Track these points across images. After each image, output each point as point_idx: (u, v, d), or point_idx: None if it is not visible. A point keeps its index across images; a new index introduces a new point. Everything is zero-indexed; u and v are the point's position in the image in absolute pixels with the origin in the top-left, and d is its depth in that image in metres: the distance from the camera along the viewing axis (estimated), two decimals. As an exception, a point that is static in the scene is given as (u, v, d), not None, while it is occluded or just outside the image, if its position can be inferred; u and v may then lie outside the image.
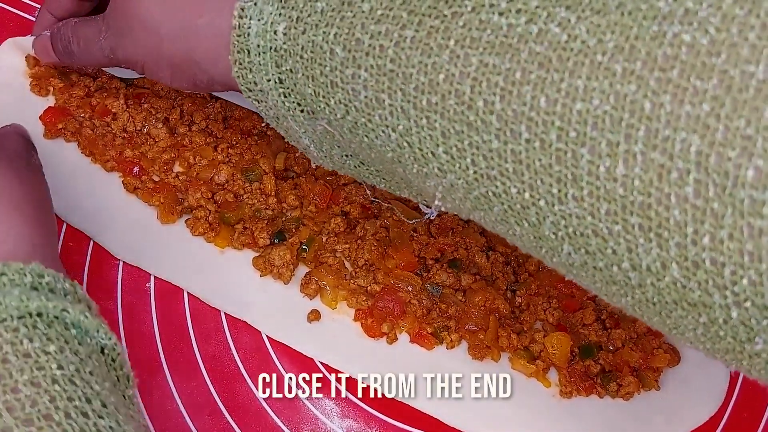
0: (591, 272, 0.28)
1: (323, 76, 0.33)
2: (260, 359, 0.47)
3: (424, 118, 0.30)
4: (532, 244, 0.30)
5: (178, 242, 0.49)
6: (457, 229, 0.49)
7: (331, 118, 0.34)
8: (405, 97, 0.30)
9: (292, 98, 0.35)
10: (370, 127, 0.32)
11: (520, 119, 0.27)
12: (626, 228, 0.26)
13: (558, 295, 0.48)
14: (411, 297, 0.48)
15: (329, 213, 0.50)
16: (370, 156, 0.35)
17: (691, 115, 0.23)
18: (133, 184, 0.50)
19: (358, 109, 0.32)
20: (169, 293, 0.48)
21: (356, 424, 0.45)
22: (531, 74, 0.27)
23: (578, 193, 0.26)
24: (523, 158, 0.27)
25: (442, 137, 0.30)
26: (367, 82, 0.31)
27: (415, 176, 0.32)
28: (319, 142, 0.38)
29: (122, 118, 0.51)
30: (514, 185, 0.28)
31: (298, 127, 0.37)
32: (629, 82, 0.25)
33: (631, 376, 0.46)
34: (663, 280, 0.26)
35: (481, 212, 0.31)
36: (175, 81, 0.41)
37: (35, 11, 0.56)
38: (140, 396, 0.45)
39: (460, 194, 0.31)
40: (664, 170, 0.24)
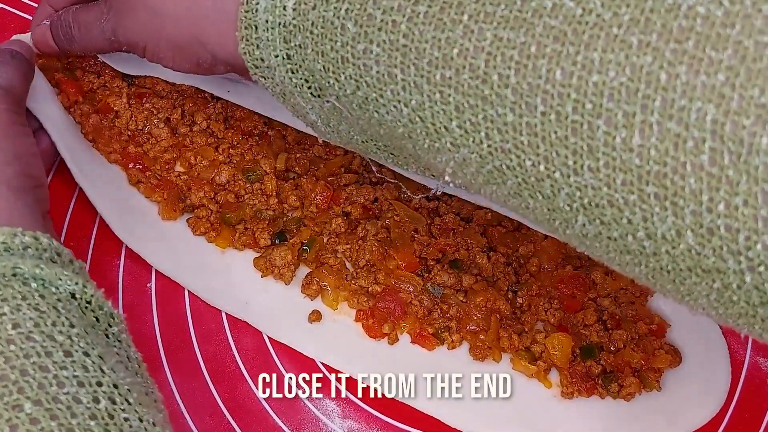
0: (605, 243, 0.29)
1: (333, 52, 0.33)
2: (261, 359, 0.47)
3: (437, 93, 0.30)
4: (545, 217, 0.30)
5: (179, 240, 0.49)
6: (458, 229, 0.49)
7: (340, 94, 0.34)
8: (418, 72, 0.30)
9: (299, 74, 0.35)
10: (381, 102, 0.32)
11: (536, 92, 0.27)
12: (642, 197, 0.26)
13: (559, 296, 0.48)
14: (412, 297, 0.48)
15: (330, 213, 0.50)
16: (378, 132, 0.35)
17: (706, 85, 0.24)
18: (137, 177, 0.50)
19: (369, 85, 0.32)
20: (169, 293, 0.48)
21: (357, 425, 0.45)
22: (546, 48, 0.27)
23: (594, 164, 0.27)
24: (539, 131, 0.28)
25: (456, 111, 0.30)
26: (380, 57, 0.31)
27: (426, 152, 0.32)
28: (326, 118, 0.37)
29: (124, 117, 0.51)
30: (529, 158, 0.28)
31: (305, 104, 0.37)
32: (645, 54, 0.25)
33: (633, 376, 0.46)
34: (678, 248, 0.26)
35: (493, 186, 0.31)
36: (177, 62, 0.41)
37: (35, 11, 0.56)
38: (141, 396, 0.45)
39: (473, 169, 0.31)
40: (679, 139, 0.25)
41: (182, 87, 0.52)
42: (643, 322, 0.48)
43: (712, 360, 0.48)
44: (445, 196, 0.51)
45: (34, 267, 0.33)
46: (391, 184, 0.50)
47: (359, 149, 0.39)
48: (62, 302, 0.33)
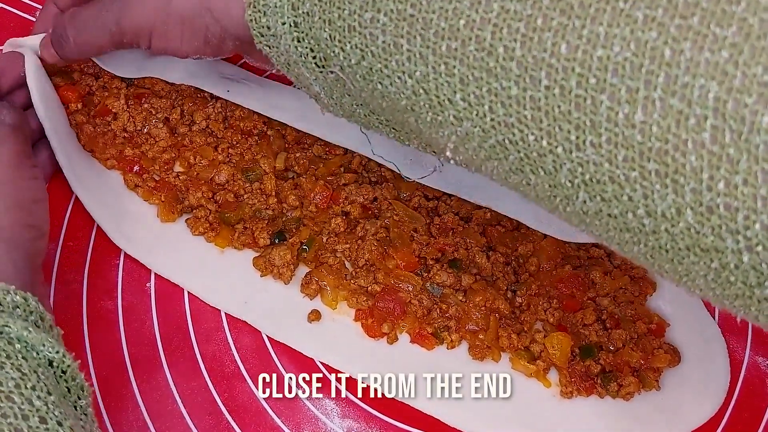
0: (605, 220, 0.29)
1: (341, 20, 0.33)
2: (260, 359, 0.47)
3: (442, 64, 0.30)
4: (546, 193, 0.30)
5: (178, 241, 0.49)
6: (457, 229, 0.49)
7: (344, 64, 0.34)
8: (424, 43, 0.30)
9: (305, 43, 0.35)
10: (386, 73, 0.32)
11: (541, 66, 0.27)
12: (643, 174, 0.26)
13: (558, 296, 0.48)
14: (411, 297, 0.48)
15: (330, 213, 0.50)
16: (381, 105, 0.35)
17: (710, 62, 0.24)
18: (134, 182, 0.50)
19: (374, 54, 0.32)
20: (169, 293, 0.48)
21: (356, 424, 0.45)
22: (552, 21, 0.27)
23: (596, 140, 0.27)
24: (542, 105, 0.28)
25: (461, 84, 0.29)
26: (386, 26, 0.31)
27: (428, 125, 0.32)
28: (329, 90, 0.37)
29: (122, 118, 0.51)
30: (531, 132, 0.28)
31: (308, 74, 0.37)
32: (650, 29, 0.25)
33: (632, 376, 0.46)
34: (677, 226, 0.26)
35: (495, 162, 0.31)
36: (186, 40, 0.40)
37: (35, 11, 0.56)
38: (140, 396, 0.45)
39: (475, 143, 0.31)
40: (682, 116, 0.25)
41: (181, 87, 0.52)
42: (642, 322, 0.48)
43: (711, 359, 0.48)
44: (444, 196, 0.51)
45: (23, 329, 0.33)
46: (390, 183, 0.50)
47: (361, 123, 0.39)
48: (42, 368, 0.33)
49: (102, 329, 0.46)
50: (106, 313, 0.47)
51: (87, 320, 0.46)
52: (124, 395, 0.45)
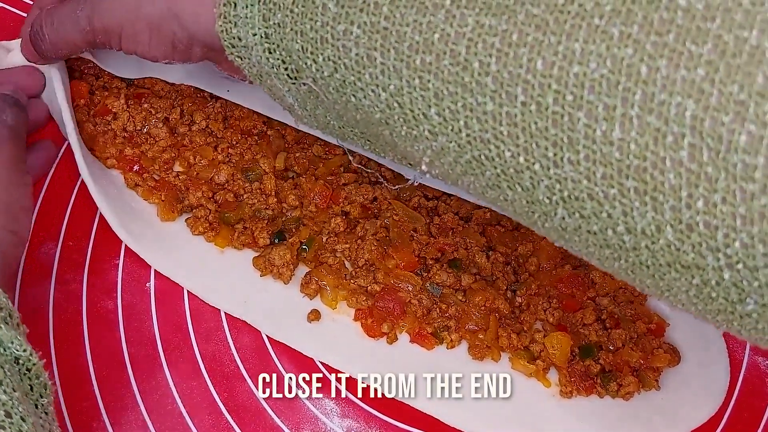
0: (585, 236, 0.29)
1: (313, 32, 0.32)
2: (260, 359, 0.47)
3: (416, 78, 0.29)
4: (524, 209, 0.30)
5: (178, 241, 0.49)
6: (457, 229, 0.49)
7: (317, 76, 0.33)
8: (398, 56, 0.30)
9: (276, 54, 0.35)
10: (359, 86, 0.32)
11: (516, 81, 0.27)
12: (622, 191, 0.26)
13: (558, 295, 0.48)
14: (411, 297, 0.48)
15: (329, 213, 0.50)
16: (355, 118, 0.34)
17: (686, 80, 0.24)
18: (135, 181, 0.50)
19: (347, 67, 0.31)
20: (169, 293, 0.48)
21: (356, 424, 0.45)
22: (528, 36, 0.26)
23: (574, 157, 0.26)
24: (519, 121, 0.27)
25: (435, 98, 0.29)
26: (359, 39, 0.30)
27: (403, 139, 0.32)
28: (302, 102, 0.37)
29: (122, 118, 0.51)
30: (508, 149, 0.28)
31: (281, 86, 0.36)
32: (626, 46, 0.25)
33: (631, 376, 0.46)
34: (657, 243, 0.26)
35: (471, 177, 0.31)
36: (153, 45, 0.40)
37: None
38: (140, 396, 0.45)
39: (451, 158, 0.30)
40: (659, 134, 0.24)
41: (181, 87, 0.52)
42: (642, 322, 0.48)
43: (711, 359, 0.48)
44: (444, 196, 0.51)
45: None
46: (390, 183, 0.50)
47: (336, 135, 0.38)
48: (8, 364, 0.33)
49: (102, 329, 0.46)
50: (106, 313, 0.47)
51: (87, 320, 0.46)
52: (124, 395, 0.45)
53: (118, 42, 0.41)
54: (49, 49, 0.45)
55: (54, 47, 0.44)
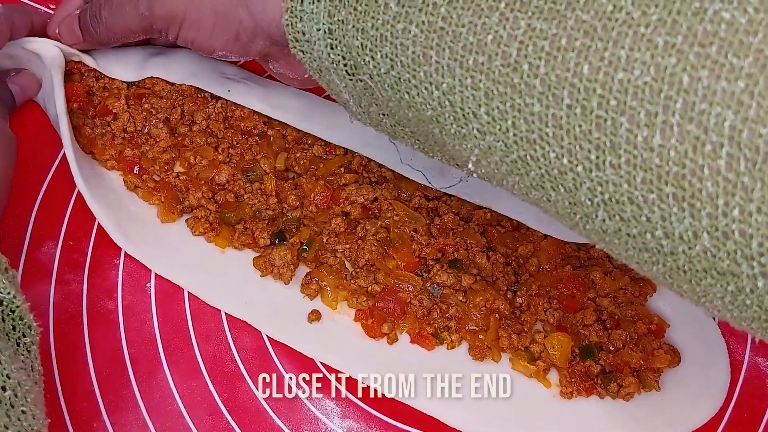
0: (624, 239, 0.29)
1: (373, 29, 0.33)
2: (260, 359, 0.47)
3: (468, 78, 0.30)
4: (567, 210, 0.31)
5: (178, 241, 0.49)
6: (457, 229, 0.49)
7: (374, 72, 0.35)
8: (452, 56, 0.31)
9: (338, 50, 0.36)
10: (413, 83, 0.33)
11: (563, 85, 0.28)
12: (661, 197, 0.27)
13: (558, 296, 0.48)
14: (411, 297, 0.48)
15: (330, 213, 0.50)
16: (407, 116, 0.35)
17: (726, 91, 0.24)
18: (134, 182, 0.50)
19: (403, 65, 0.33)
20: (169, 293, 0.48)
21: (356, 425, 0.45)
22: (576, 41, 0.27)
23: (616, 161, 0.27)
24: (564, 123, 0.28)
25: (485, 98, 0.30)
26: (417, 37, 0.32)
27: (452, 137, 0.33)
28: (358, 98, 0.38)
29: (123, 119, 0.51)
30: (552, 150, 0.29)
31: (339, 81, 0.37)
32: (670, 55, 0.25)
33: (632, 376, 0.46)
34: (694, 249, 0.27)
35: (516, 177, 0.31)
36: (216, 33, 0.41)
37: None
38: (140, 396, 0.45)
39: (497, 157, 0.31)
40: (698, 143, 0.25)
41: (182, 87, 0.52)
42: (642, 322, 0.48)
43: (712, 360, 0.48)
44: (444, 196, 0.51)
45: None
46: (390, 184, 0.50)
47: (388, 132, 0.39)
48: None
49: (102, 329, 0.46)
50: (106, 313, 0.47)
51: (87, 320, 0.46)
52: (124, 395, 0.45)
53: (176, 30, 0.42)
54: (103, 32, 0.46)
55: (108, 31, 0.45)
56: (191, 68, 0.52)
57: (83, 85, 0.51)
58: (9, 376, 0.33)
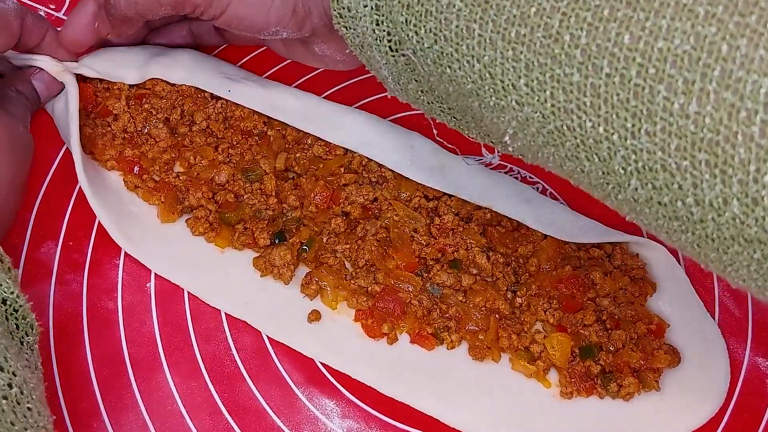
0: (655, 208, 0.30)
1: (419, 5, 0.34)
2: (260, 359, 0.47)
3: (510, 50, 0.31)
4: (599, 180, 0.32)
5: (178, 242, 0.49)
6: (457, 229, 0.49)
7: (417, 47, 0.35)
8: (495, 29, 0.31)
9: (383, 26, 0.36)
10: (456, 57, 0.33)
11: (603, 54, 0.28)
12: (693, 164, 0.27)
13: (558, 296, 0.48)
14: (411, 297, 0.48)
15: (330, 213, 0.50)
16: (447, 90, 0.36)
17: (763, 59, 0.25)
18: (134, 183, 0.50)
19: (447, 39, 0.33)
20: (169, 293, 0.48)
21: (356, 425, 0.45)
22: (618, 12, 0.28)
23: (651, 129, 0.28)
24: (602, 92, 0.29)
25: (525, 69, 0.31)
26: (461, 11, 0.32)
27: (490, 110, 0.34)
28: (397, 75, 0.39)
29: (123, 119, 0.51)
30: (589, 119, 0.30)
31: (380, 58, 0.38)
32: (710, 24, 0.26)
33: (632, 376, 0.46)
34: (723, 216, 0.27)
35: (551, 148, 0.32)
36: (275, 8, 0.41)
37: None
38: (140, 396, 0.45)
39: (534, 128, 0.32)
40: (734, 109, 0.26)
41: (182, 87, 0.52)
42: (642, 322, 0.48)
43: (711, 360, 0.47)
44: (444, 196, 0.51)
45: None
46: (390, 184, 0.50)
47: (425, 109, 0.40)
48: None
49: (102, 329, 0.46)
50: (106, 313, 0.47)
51: (87, 320, 0.46)
52: (124, 395, 0.45)
53: (224, 5, 0.41)
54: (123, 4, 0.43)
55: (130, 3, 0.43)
56: (192, 68, 0.52)
57: (92, 85, 0.51)
58: (15, 374, 0.33)
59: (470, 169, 0.51)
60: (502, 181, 0.51)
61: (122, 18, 0.45)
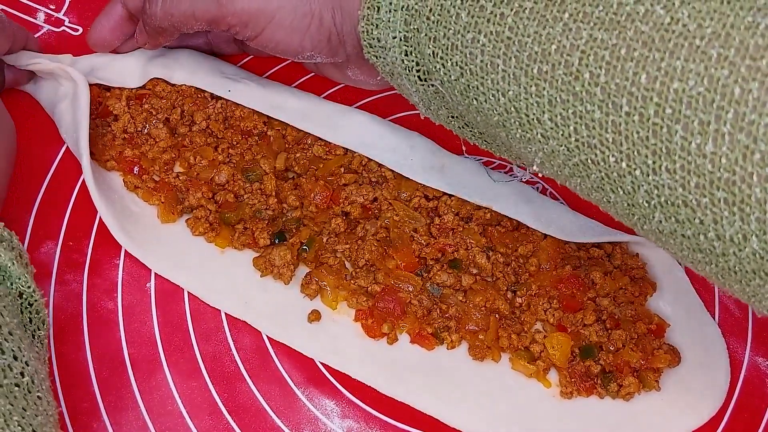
0: (679, 240, 0.31)
1: (445, 39, 0.35)
2: (260, 359, 0.47)
3: (533, 86, 0.32)
4: (625, 211, 0.32)
5: (178, 242, 0.49)
6: (457, 229, 0.49)
7: (444, 79, 0.36)
8: (518, 64, 0.32)
9: (412, 57, 0.37)
10: (481, 90, 0.34)
11: (622, 93, 0.29)
12: (713, 201, 0.28)
13: (558, 296, 0.48)
14: (411, 297, 0.48)
15: (330, 213, 0.50)
16: (475, 119, 0.37)
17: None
18: (134, 183, 0.50)
19: (472, 72, 0.34)
20: (169, 293, 0.48)
21: (356, 425, 0.45)
22: (635, 51, 0.29)
23: (671, 166, 0.29)
24: (623, 129, 0.29)
25: (549, 105, 0.31)
26: (485, 47, 0.33)
27: (518, 141, 0.34)
28: (427, 101, 0.40)
29: (123, 120, 0.51)
30: (612, 154, 0.30)
31: (410, 86, 0.39)
32: (722, 67, 0.27)
33: (632, 376, 0.46)
34: (744, 251, 0.28)
35: (578, 179, 0.33)
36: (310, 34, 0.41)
37: (36, 12, 0.56)
38: (140, 396, 0.45)
39: (560, 161, 0.33)
40: (748, 151, 0.26)
41: (182, 87, 0.52)
42: (642, 322, 0.48)
43: (712, 360, 0.47)
44: (444, 196, 0.51)
45: (9, 260, 0.36)
46: (390, 183, 0.50)
47: (457, 132, 0.41)
48: (11, 296, 0.37)
49: (102, 329, 0.46)
50: (106, 313, 0.47)
51: (87, 320, 0.46)
52: (124, 395, 0.45)
53: (259, 29, 0.41)
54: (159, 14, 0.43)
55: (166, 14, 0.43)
56: (192, 68, 0.52)
57: (93, 86, 0.51)
58: (27, 363, 0.34)
59: (470, 169, 0.51)
60: (502, 181, 0.51)
61: (158, 29, 0.45)
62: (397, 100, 0.54)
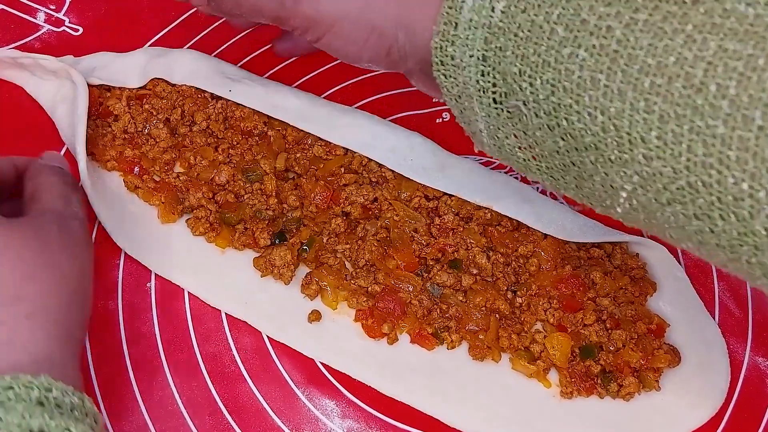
0: None
1: (535, 55, 0.33)
2: (260, 359, 0.47)
3: (642, 101, 0.30)
4: (734, 241, 0.30)
5: (178, 242, 0.49)
6: (457, 229, 0.49)
7: (530, 99, 0.34)
8: (625, 78, 0.30)
9: (489, 77, 0.35)
10: (575, 108, 0.32)
11: (756, 105, 0.27)
12: None
13: (558, 296, 0.48)
14: (411, 297, 0.48)
15: (330, 213, 0.50)
16: (555, 145, 0.34)
17: None
18: (134, 183, 0.50)
19: (566, 89, 0.32)
20: (169, 293, 0.48)
21: (356, 425, 0.45)
22: None
23: None
24: (751, 146, 0.27)
25: (659, 121, 0.29)
26: (585, 62, 0.31)
27: (609, 165, 0.32)
28: (495, 129, 0.37)
29: (124, 120, 0.51)
30: (732, 174, 0.28)
31: (479, 110, 0.36)
32: None
33: (632, 376, 0.46)
34: None
35: (678, 206, 0.31)
36: (369, 47, 0.40)
37: (36, 12, 0.56)
38: (140, 396, 0.45)
39: (660, 185, 0.31)
40: None
41: (182, 88, 0.52)
42: (642, 322, 0.48)
43: (712, 360, 0.48)
44: (444, 196, 0.51)
45: None
46: (390, 184, 0.50)
47: (518, 166, 0.38)
48: None
49: (102, 329, 0.46)
50: (106, 313, 0.47)
51: (87, 320, 0.46)
52: (124, 395, 0.45)
53: (320, 34, 0.40)
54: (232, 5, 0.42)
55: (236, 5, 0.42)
56: (192, 68, 0.52)
57: (94, 88, 0.52)
58: None
59: (470, 169, 0.51)
60: (502, 181, 0.51)
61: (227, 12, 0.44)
62: (398, 100, 0.54)
